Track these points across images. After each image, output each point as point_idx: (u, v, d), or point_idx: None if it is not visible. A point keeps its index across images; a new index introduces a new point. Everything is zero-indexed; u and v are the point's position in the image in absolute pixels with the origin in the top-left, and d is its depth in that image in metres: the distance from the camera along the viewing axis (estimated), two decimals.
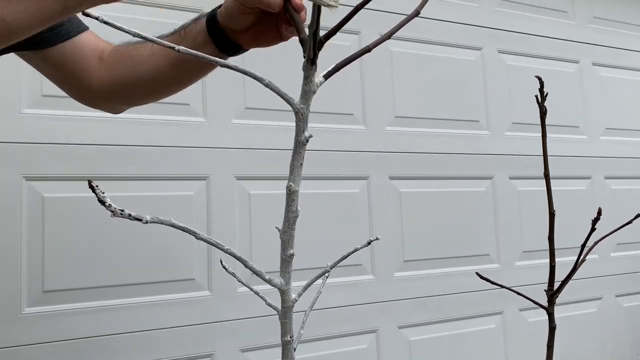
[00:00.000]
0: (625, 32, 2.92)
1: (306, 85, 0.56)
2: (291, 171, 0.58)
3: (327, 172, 2.07)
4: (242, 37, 0.87)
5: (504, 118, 2.49)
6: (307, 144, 0.57)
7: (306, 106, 0.57)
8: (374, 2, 2.00)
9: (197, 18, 0.92)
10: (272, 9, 0.74)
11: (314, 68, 0.56)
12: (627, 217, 2.86)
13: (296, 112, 0.57)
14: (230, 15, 0.84)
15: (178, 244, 1.79)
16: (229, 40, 0.87)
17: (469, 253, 2.32)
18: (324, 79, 0.58)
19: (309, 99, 0.57)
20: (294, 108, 0.57)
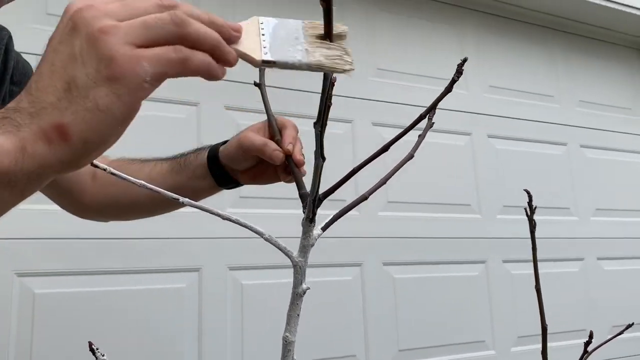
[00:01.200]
0: (610, 114, 3.00)
1: (305, 239, 0.57)
2: (288, 321, 0.58)
3: (318, 260, 2.06)
4: (241, 176, 0.89)
5: (495, 201, 2.52)
6: (304, 295, 0.57)
7: (304, 259, 0.57)
8: (366, 91, 2.05)
9: (198, 150, 0.94)
10: (274, 162, 0.76)
11: (312, 225, 0.57)
12: (622, 299, 2.85)
13: (294, 265, 0.57)
14: (231, 158, 0.87)
15: (170, 340, 1.76)
16: (228, 177, 0.90)
17: (464, 340, 2.30)
18: (322, 231, 0.59)
19: (307, 252, 0.58)
20: (292, 261, 0.57)
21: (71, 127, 0.42)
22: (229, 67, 0.48)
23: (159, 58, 0.43)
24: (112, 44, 0.42)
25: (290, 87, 2.09)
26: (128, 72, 0.42)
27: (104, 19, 0.43)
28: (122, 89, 0.42)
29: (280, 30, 0.50)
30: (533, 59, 2.82)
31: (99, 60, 0.42)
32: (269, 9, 2.18)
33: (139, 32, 0.43)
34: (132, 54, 0.42)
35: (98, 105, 0.42)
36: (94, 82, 0.42)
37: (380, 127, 2.29)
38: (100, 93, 0.42)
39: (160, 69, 0.43)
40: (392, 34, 2.44)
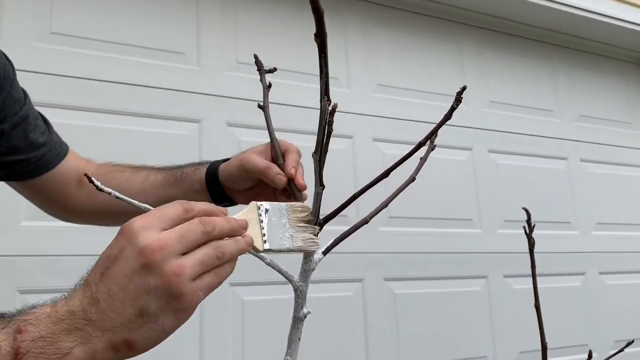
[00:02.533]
0: (611, 128, 3.01)
1: (306, 264, 0.58)
2: (289, 345, 0.58)
3: (319, 276, 2.06)
4: (238, 195, 0.89)
5: (496, 216, 2.52)
6: (304, 319, 0.58)
7: (305, 284, 0.58)
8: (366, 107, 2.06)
9: (197, 165, 0.94)
10: (277, 185, 0.77)
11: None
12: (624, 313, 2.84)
13: (295, 290, 0.58)
14: (231, 177, 0.87)
15: (171, 358, 1.76)
16: (225, 195, 0.90)
17: (466, 355, 2.29)
18: (323, 255, 0.60)
19: (307, 277, 0.58)
20: (293, 285, 0.58)
21: (138, 342, 0.53)
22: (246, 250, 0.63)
23: (209, 287, 0.56)
24: (182, 284, 0.53)
25: (291, 104, 2.11)
26: (191, 304, 0.54)
27: (172, 259, 0.54)
28: (184, 316, 0.54)
29: (273, 217, 0.64)
30: (533, 74, 2.84)
31: (170, 297, 0.53)
32: (268, 12, 2.20)
33: (197, 269, 0.55)
34: (194, 290, 0.54)
35: (164, 328, 0.53)
36: (164, 312, 0.53)
37: (381, 142, 2.31)
38: (167, 320, 0.53)
39: (209, 292, 0.57)
40: (391, 50, 2.46)
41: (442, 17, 2.63)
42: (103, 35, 1.89)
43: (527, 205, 0.94)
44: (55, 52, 1.81)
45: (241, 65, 2.09)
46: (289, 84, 2.13)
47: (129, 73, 1.90)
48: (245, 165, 0.83)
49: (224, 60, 2.08)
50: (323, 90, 0.48)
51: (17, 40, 1.76)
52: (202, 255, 0.56)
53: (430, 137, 0.60)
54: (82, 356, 0.51)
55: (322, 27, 0.43)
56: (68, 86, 1.80)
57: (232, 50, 2.10)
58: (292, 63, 2.18)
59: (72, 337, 0.51)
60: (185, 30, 2.04)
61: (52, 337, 0.51)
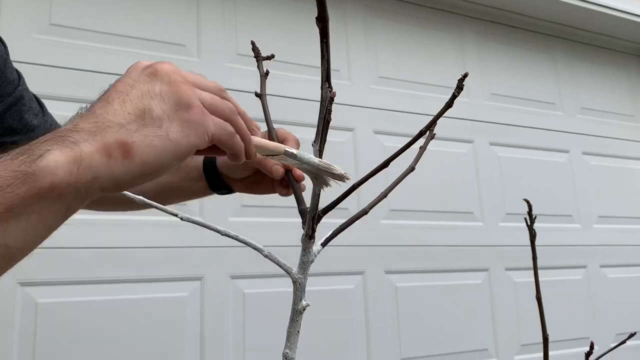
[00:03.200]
0: (612, 121, 2.99)
1: (304, 256, 0.57)
2: (288, 338, 0.58)
3: (320, 269, 2.06)
4: (236, 184, 0.88)
5: (498, 209, 2.52)
6: (303, 312, 0.57)
7: (304, 276, 0.57)
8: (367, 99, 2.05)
9: None
10: (274, 176, 0.76)
11: (312, 241, 0.58)
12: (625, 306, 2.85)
13: (294, 282, 0.57)
14: (229, 166, 0.86)
15: (172, 349, 1.76)
16: (223, 183, 0.89)
17: (467, 348, 2.29)
18: (322, 247, 0.59)
19: (306, 269, 0.58)
20: (292, 277, 0.57)
21: (136, 147, 0.44)
22: (247, 157, 0.56)
23: (221, 125, 0.51)
24: (192, 96, 0.48)
25: (288, 95, 2.10)
26: (200, 122, 0.48)
27: (183, 74, 0.50)
28: (191, 131, 0.47)
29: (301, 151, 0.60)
30: (534, 66, 2.83)
31: (178, 103, 0.47)
32: (269, 3, 2.19)
33: (210, 101, 0.50)
34: (204, 111, 0.49)
35: (169, 135, 0.46)
36: (169, 118, 0.46)
37: (382, 135, 2.30)
38: (173, 128, 0.46)
39: (219, 132, 0.51)
40: (392, 42, 2.45)
41: (444, 9, 2.61)
42: (103, 27, 1.88)
43: (529, 198, 0.94)
44: (54, 44, 1.80)
45: (241, 57, 2.08)
46: (289, 75, 2.12)
47: (129, 64, 1.88)
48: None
49: (224, 52, 2.07)
50: (324, 77, 0.48)
51: (16, 32, 1.75)
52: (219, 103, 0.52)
53: (432, 126, 0.59)
54: (63, 158, 0.42)
55: (324, 11, 0.42)
56: (68, 78, 1.79)
57: (232, 42, 2.09)
58: (292, 55, 2.17)
59: (49, 143, 0.43)
60: (186, 22, 2.03)
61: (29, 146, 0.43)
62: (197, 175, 0.90)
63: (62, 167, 0.42)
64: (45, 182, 0.41)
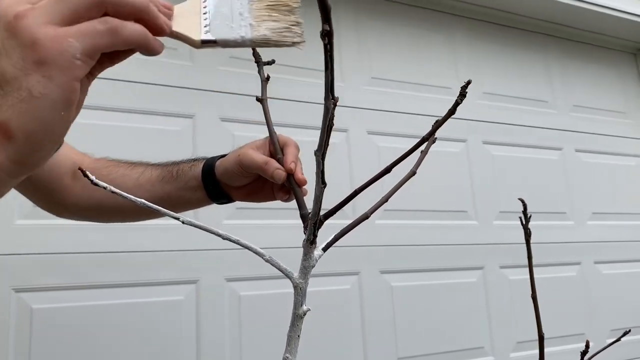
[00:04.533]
0: (605, 118, 3.01)
1: (305, 261, 0.58)
2: (288, 342, 0.58)
3: (316, 270, 2.06)
4: (236, 192, 0.88)
5: (492, 207, 2.52)
6: (304, 317, 0.58)
7: (305, 281, 0.58)
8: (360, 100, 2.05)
9: (193, 161, 0.92)
10: (276, 181, 0.75)
11: (314, 246, 0.58)
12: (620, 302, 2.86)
13: (295, 286, 0.58)
14: (228, 174, 0.85)
15: (167, 353, 1.75)
16: (222, 192, 0.89)
17: (463, 346, 2.29)
18: (323, 252, 0.60)
19: (307, 274, 0.58)
20: (293, 282, 0.58)
21: (11, 123, 0.39)
22: (163, 35, 0.46)
23: (85, 32, 0.41)
24: (31, 27, 0.39)
25: (288, 98, 2.10)
26: (55, 52, 0.39)
27: (19, 5, 0.40)
28: (53, 71, 0.39)
29: (223, 8, 0.47)
30: (527, 64, 2.84)
31: (22, 48, 0.39)
32: None
33: (56, 8, 0.40)
34: (55, 33, 0.40)
35: (32, 93, 0.39)
36: (23, 72, 0.39)
37: (376, 135, 2.30)
38: (32, 81, 0.39)
39: (90, 43, 0.41)
40: (384, 42, 2.45)
41: (434, 8, 2.62)
42: None
43: (523, 196, 0.94)
44: None
45: (234, 60, 2.08)
46: (283, 78, 2.12)
47: (121, 69, 1.87)
48: (243, 161, 0.82)
49: (216, 55, 2.07)
50: (328, 88, 0.47)
51: None
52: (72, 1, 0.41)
53: (434, 133, 0.60)
54: None
55: (330, 25, 0.41)
56: None
57: None
58: (286, 56, 2.16)
59: None
60: None
61: None
62: (196, 184, 0.89)
63: None
64: None
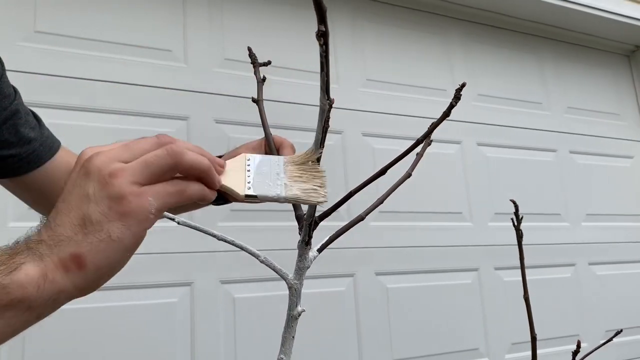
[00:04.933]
0: (599, 120, 3.02)
1: (300, 262, 0.58)
2: (283, 343, 0.58)
3: (311, 271, 2.05)
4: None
5: (486, 209, 2.53)
6: (299, 318, 0.58)
7: (299, 282, 0.58)
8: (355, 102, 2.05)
9: None
10: None
11: (308, 247, 0.58)
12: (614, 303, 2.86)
13: (290, 288, 0.58)
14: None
15: (162, 356, 1.75)
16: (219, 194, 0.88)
17: (458, 348, 2.30)
18: (318, 253, 0.60)
19: (302, 275, 0.58)
20: (287, 283, 0.58)
21: (87, 257, 0.47)
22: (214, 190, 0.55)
23: (160, 193, 0.50)
24: (121, 184, 0.48)
25: (282, 100, 2.10)
26: (137, 208, 0.48)
27: (112, 163, 0.49)
28: (132, 222, 0.48)
29: (264, 167, 0.57)
30: (521, 67, 2.85)
31: (110, 200, 0.48)
32: (256, 7, 2.19)
33: (141, 170, 0.49)
34: (138, 192, 0.48)
35: (111, 236, 0.47)
36: (107, 218, 0.47)
37: (370, 137, 2.30)
38: (113, 227, 0.47)
39: (162, 201, 0.50)
40: (380, 45, 2.46)
41: (430, 11, 2.62)
42: (88, 34, 1.87)
43: (517, 198, 0.94)
44: (40, 51, 1.78)
45: (229, 62, 2.07)
46: (276, 80, 2.12)
47: (116, 71, 1.88)
48: None
49: (211, 57, 2.07)
50: (324, 89, 0.48)
51: (0, 40, 1.73)
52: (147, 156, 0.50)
53: (429, 134, 0.60)
54: (34, 272, 0.46)
55: (325, 25, 0.42)
56: (54, 85, 1.78)
57: (219, 47, 2.09)
58: (280, 59, 2.16)
59: (24, 255, 0.47)
60: (172, 27, 2.02)
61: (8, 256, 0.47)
62: None
63: (31, 282, 0.46)
64: (17, 295, 0.45)
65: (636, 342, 2.73)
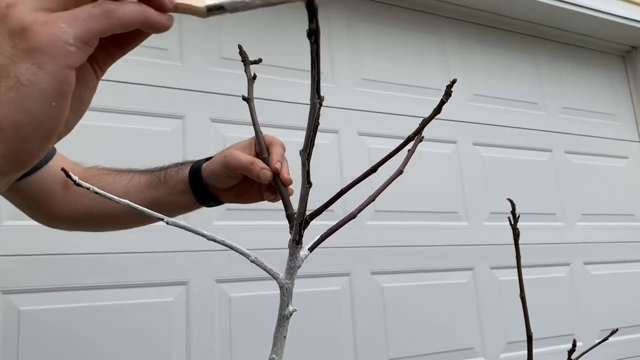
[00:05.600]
0: (594, 120, 3.03)
1: (291, 261, 0.57)
2: (275, 343, 0.57)
3: (306, 270, 2.06)
4: (224, 194, 0.88)
5: (482, 208, 2.53)
6: (290, 317, 0.57)
7: (291, 281, 0.57)
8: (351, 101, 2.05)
9: (180, 165, 0.92)
10: (262, 181, 0.75)
11: (299, 246, 0.58)
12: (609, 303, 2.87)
13: (281, 287, 0.57)
14: (215, 176, 0.85)
15: (157, 355, 1.74)
16: (210, 194, 0.88)
17: (454, 347, 2.30)
18: (309, 252, 0.59)
19: (293, 274, 0.58)
20: (279, 283, 0.57)
21: None
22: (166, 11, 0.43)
23: (78, 16, 0.39)
24: (21, 13, 0.38)
25: (274, 99, 2.10)
26: (45, 38, 0.37)
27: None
28: (43, 58, 0.38)
29: None
30: (517, 66, 2.85)
31: (12, 35, 0.38)
32: (250, 14, 2.19)
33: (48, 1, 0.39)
34: (46, 19, 0.38)
35: (20, 81, 0.37)
36: (12, 60, 0.37)
37: (366, 136, 2.30)
38: (21, 68, 0.37)
39: (83, 27, 0.39)
40: (376, 44, 2.46)
41: (426, 10, 2.62)
42: None
43: (513, 197, 0.94)
44: None
45: (224, 61, 2.07)
46: (271, 79, 2.12)
47: (110, 69, 1.86)
48: (228, 162, 0.81)
49: (207, 56, 2.06)
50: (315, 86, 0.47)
51: None
52: None
53: (420, 131, 0.59)
54: None
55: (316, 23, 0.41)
56: None
57: (215, 46, 2.09)
58: (275, 58, 2.16)
59: None
60: None
61: None
62: (184, 188, 0.89)
63: None
64: None
65: (631, 342, 2.73)
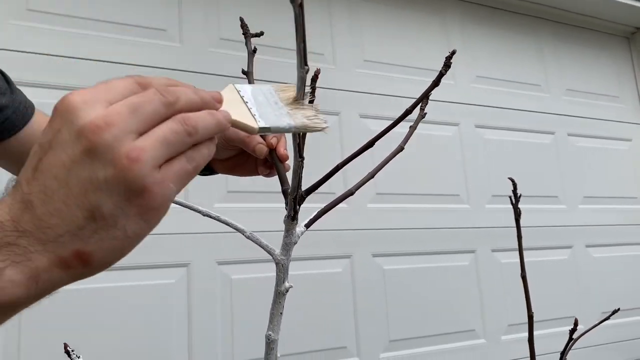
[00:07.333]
0: (598, 102, 3.00)
1: (287, 237, 0.57)
2: (271, 320, 0.57)
3: (308, 253, 2.06)
4: (219, 165, 0.86)
5: (484, 191, 2.52)
6: (286, 293, 0.57)
7: (287, 257, 0.57)
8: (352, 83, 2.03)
9: None
10: (258, 155, 0.74)
11: (294, 222, 0.57)
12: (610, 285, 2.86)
13: (277, 263, 0.57)
14: None
15: (159, 336, 1.75)
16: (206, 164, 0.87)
17: (455, 329, 2.30)
18: (305, 229, 0.59)
19: (289, 250, 0.57)
20: (274, 259, 0.57)
21: (94, 254, 0.40)
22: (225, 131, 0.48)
23: (181, 175, 0.42)
24: (143, 172, 0.39)
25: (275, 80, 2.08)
26: (160, 200, 0.40)
27: (126, 139, 0.39)
28: (154, 216, 0.41)
29: (259, 97, 0.52)
30: (520, 48, 2.82)
31: (130, 192, 0.39)
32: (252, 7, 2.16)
33: (162, 151, 0.41)
34: (161, 179, 0.40)
35: (127, 233, 0.40)
36: (124, 212, 0.39)
37: (367, 118, 2.29)
38: (132, 223, 0.40)
39: (183, 184, 0.42)
40: (377, 26, 2.43)
41: None
42: (81, 12, 1.84)
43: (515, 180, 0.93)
44: (31, 30, 1.76)
45: (224, 42, 2.05)
46: (271, 60, 2.10)
47: (109, 51, 1.86)
48: (225, 134, 0.80)
49: (206, 37, 2.05)
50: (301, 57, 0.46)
51: None
52: (165, 132, 0.41)
53: (417, 105, 0.58)
54: (20, 279, 0.38)
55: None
56: (45, 64, 1.76)
57: (215, 27, 2.07)
58: (276, 38, 2.14)
59: (1, 255, 0.38)
60: (167, 6, 2.00)
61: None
62: None
63: (19, 286, 0.38)
64: (4, 300, 0.38)
65: (633, 324, 2.73)
